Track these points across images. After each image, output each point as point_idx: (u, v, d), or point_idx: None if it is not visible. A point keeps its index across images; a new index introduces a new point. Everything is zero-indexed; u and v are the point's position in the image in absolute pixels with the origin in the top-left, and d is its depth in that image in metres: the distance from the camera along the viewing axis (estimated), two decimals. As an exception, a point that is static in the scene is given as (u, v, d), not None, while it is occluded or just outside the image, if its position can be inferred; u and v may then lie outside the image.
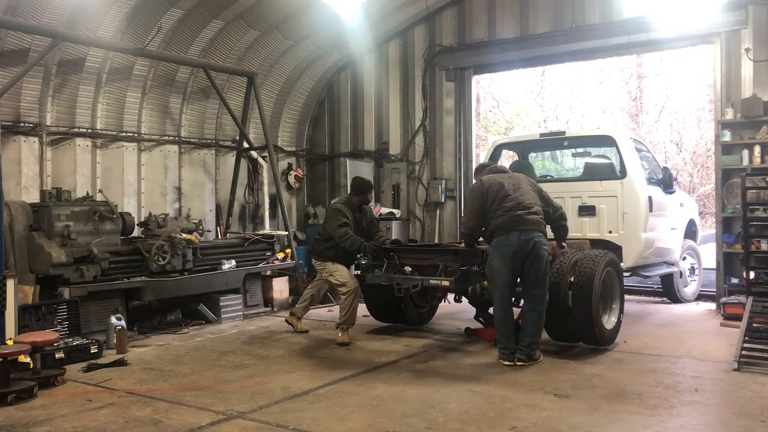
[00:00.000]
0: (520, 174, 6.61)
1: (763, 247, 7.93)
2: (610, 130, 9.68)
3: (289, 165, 12.05)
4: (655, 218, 8.24)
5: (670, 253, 8.98)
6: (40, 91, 8.43)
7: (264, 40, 10.59)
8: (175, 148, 10.17)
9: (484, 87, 21.78)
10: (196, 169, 10.52)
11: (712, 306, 9.11)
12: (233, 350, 6.94)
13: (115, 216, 7.81)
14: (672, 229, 8.98)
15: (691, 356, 6.37)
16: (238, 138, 10.78)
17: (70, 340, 6.61)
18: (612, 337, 6.73)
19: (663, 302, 9.72)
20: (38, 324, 6.61)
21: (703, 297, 9.76)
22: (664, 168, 8.98)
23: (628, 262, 7.97)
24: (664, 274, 9.14)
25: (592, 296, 6.25)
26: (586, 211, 8.26)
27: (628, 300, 8.29)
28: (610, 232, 8.05)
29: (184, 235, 8.27)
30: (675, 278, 9.44)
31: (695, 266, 9.86)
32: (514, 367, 5.99)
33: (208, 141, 10.71)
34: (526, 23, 10.53)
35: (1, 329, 5.96)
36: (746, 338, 6.20)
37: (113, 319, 7.02)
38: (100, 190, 8.81)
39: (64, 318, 6.88)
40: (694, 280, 9.86)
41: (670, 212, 8.88)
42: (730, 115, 8.82)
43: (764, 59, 8.73)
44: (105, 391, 5.43)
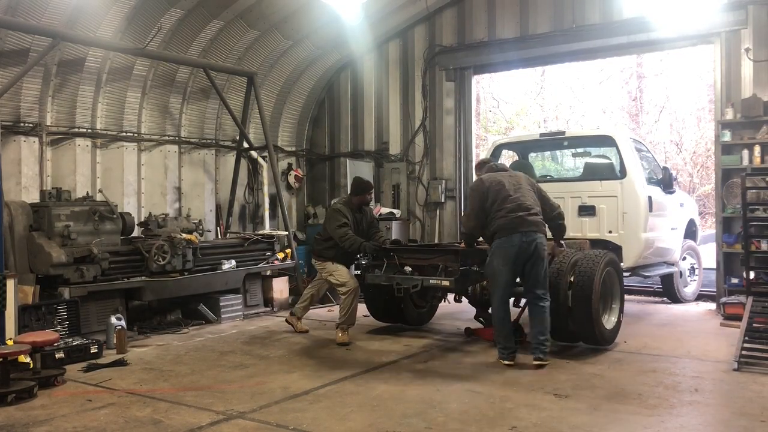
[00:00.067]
0: (520, 173, 6.59)
1: (763, 247, 7.94)
2: (610, 130, 9.68)
3: (289, 165, 12.05)
4: (655, 218, 8.24)
5: (670, 253, 8.98)
6: (40, 91, 8.43)
7: (264, 40, 10.59)
8: (175, 148, 10.18)
9: (484, 87, 21.77)
10: (196, 169, 10.53)
11: (712, 306, 9.11)
12: (233, 350, 6.94)
13: (115, 216, 7.81)
14: (672, 229, 8.98)
15: (691, 356, 6.37)
16: (238, 138, 10.78)
17: (70, 340, 6.61)
18: (612, 337, 6.74)
19: (663, 302, 9.72)
20: (38, 324, 6.61)
21: (703, 297, 9.76)
22: (664, 168, 8.98)
23: (628, 262, 7.98)
24: (664, 274, 9.15)
25: (592, 296, 6.26)
26: (586, 211, 8.26)
27: (628, 300, 8.29)
28: (610, 232, 8.06)
29: (184, 235, 8.27)
30: (675, 278, 9.45)
31: (695, 266, 9.86)
32: (519, 366, 5.99)
33: (208, 141, 10.71)
34: (526, 23, 10.53)
35: (1, 329, 5.96)
36: (746, 338, 6.20)
37: (113, 319, 7.02)
38: (100, 190, 8.81)
39: (64, 318, 6.88)
40: (694, 280, 9.86)
41: (670, 212, 8.88)
42: (730, 115, 8.82)
43: (764, 59, 8.74)
44: (105, 391, 5.43)
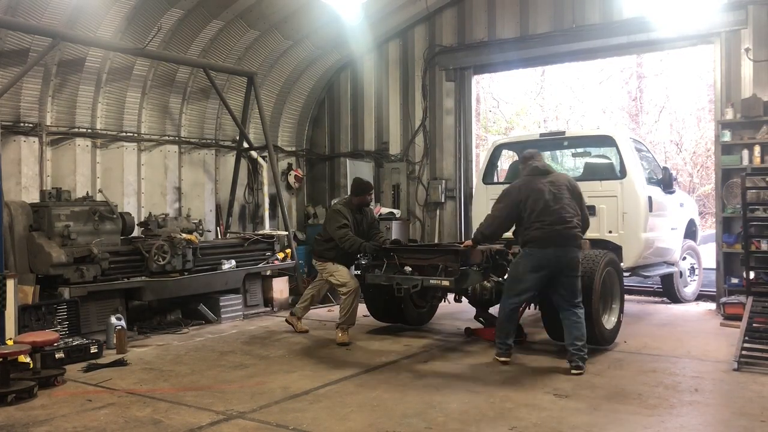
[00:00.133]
0: (563, 176, 6.32)
1: (763, 247, 7.94)
2: (610, 130, 9.67)
3: (289, 165, 12.05)
4: (655, 218, 8.23)
5: (670, 253, 8.97)
6: (40, 91, 8.43)
7: (264, 40, 10.59)
8: (175, 148, 10.17)
9: (484, 87, 21.75)
10: (196, 169, 10.53)
11: (712, 306, 9.11)
12: (233, 350, 6.94)
13: (115, 216, 7.81)
14: (672, 229, 8.97)
15: (691, 356, 6.37)
16: (238, 138, 10.78)
17: (70, 340, 6.61)
18: (612, 337, 6.74)
19: (663, 302, 9.72)
20: (38, 324, 6.61)
21: (703, 297, 9.76)
22: (664, 168, 8.97)
23: (628, 262, 7.97)
24: (664, 274, 9.14)
25: (591, 296, 6.26)
26: None
27: (628, 300, 8.29)
28: (610, 232, 8.04)
29: (184, 235, 8.27)
30: (675, 278, 9.45)
31: (695, 266, 9.86)
32: (519, 366, 6.00)
33: (208, 141, 10.71)
34: (526, 23, 10.53)
35: (1, 329, 5.96)
36: (746, 338, 6.20)
37: (113, 319, 7.02)
38: (100, 190, 8.81)
39: (64, 318, 6.88)
40: (694, 280, 9.86)
41: (670, 212, 8.87)
42: (730, 115, 8.82)
43: (764, 59, 8.74)
44: (105, 391, 5.43)
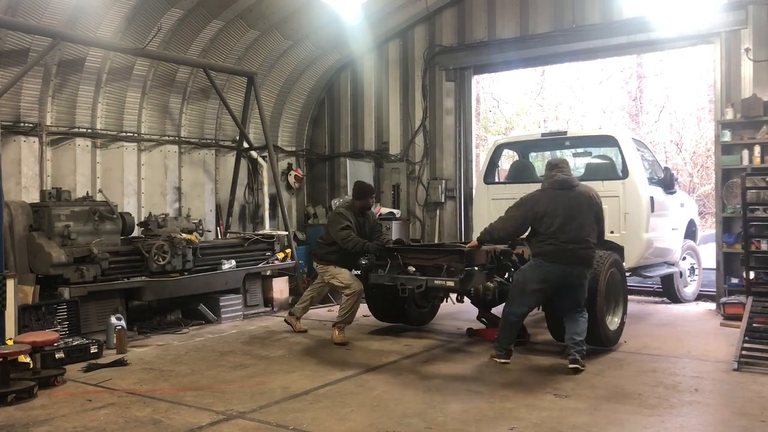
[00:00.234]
0: (585, 191, 6.08)
1: (763, 247, 7.93)
2: (612, 130, 9.66)
3: (289, 165, 12.05)
4: (657, 218, 8.23)
5: (671, 254, 8.97)
6: (40, 91, 8.43)
7: (264, 40, 10.58)
8: (175, 148, 10.17)
9: (484, 87, 21.76)
10: (196, 169, 10.52)
11: (712, 306, 9.11)
12: (233, 350, 6.94)
13: (115, 216, 7.81)
14: (673, 230, 8.97)
15: (691, 356, 6.37)
16: (238, 138, 10.78)
17: (70, 340, 6.61)
18: (616, 338, 6.74)
19: (663, 302, 9.72)
20: (38, 324, 6.61)
21: (703, 297, 9.76)
22: (666, 168, 8.97)
23: (629, 263, 7.96)
24: (665, 275, 9.14)
25: (597, 297, 6.24)
26: None
27: (628, 300, 8.27)
28: (612, 233, 8.01)
29: (184, 235, 8.27)
30: (675, 278, 9.44)
31: (695, 266, 9.86)
32: (519, 366, 6.00)
33: (208, 141, 10.71)
34: (526, 23, 10.53)
35: (1, 329, 5.96)
36: (746, 338, 6.20)
37: (113, 319, 7.02)
38: (100, 190, 8.81)
39: (64, 318, 6.88)
40: (693, 280, 9.86)
41: (671, 212, 8.87)
42: (730, 115, 8.82)
43: (764, 59, 8.73)
44: (105, 391, 5.43)
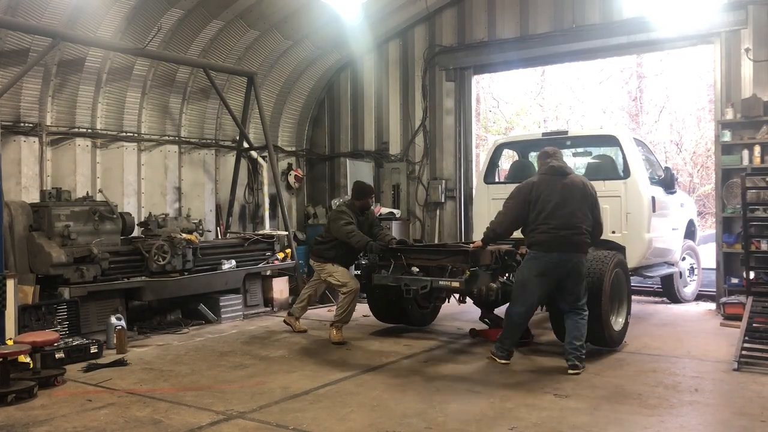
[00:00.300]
0: (578, 179, 6.07)
1: (763, 247, 7.94)
2: (614, 130, 9.66)
3: (289, 165, 12.05)
4: (658, 218, 8.22)
5: (671, 254, 8.97)
6: (40, 91, 8.43)
7: (264, 40, 10.58)
8: (175, 148, 10.17)
9: (484, 87, 21.76)
10: (196, 169, 10.52)
11: (712, 306, 9.11)
12: (233, 350, 6.94)
13: (115, 216, 7.81)
14: (673, 230, 8.97)
15: (691, 356, 6.37)
16: (238, 138, 10.78)
17: (70, 340, 6.61)
18: (620, 339, 6.71)
19: (663, 302, 9.72)
20: (38, 324, 6.61)
21: (703, 297, 9.76)
22: (666, 168, 8.97)
23: (631, 263, 7.93)
24: (665, 275, 9.14)
25: (602, 298, 6.22)
26: None
27: (629, 300, 8.30)
28: (614, 233, 8.00)
29: (184, 235, 8.26)
30: (675, 278, 9.44)
31: (694, 266, 9.86)
32: (520, 366, 6.00)
33: (208, 141, 10.71)
34: (526, 23, 10.53)
35: (1, 329, 5.97)
36: (746, 338, 6.20)
37: (113, 319, 7.02)
38: (100, 190, 8.81)
39: (64, 318, 6.88)
40: (693, 280, 9.86)
41: (672, 212, 8.87)
42: (730, 115, 8.82)
43: (764, 59, 8.73)
44: (105, 391, 5.43)
